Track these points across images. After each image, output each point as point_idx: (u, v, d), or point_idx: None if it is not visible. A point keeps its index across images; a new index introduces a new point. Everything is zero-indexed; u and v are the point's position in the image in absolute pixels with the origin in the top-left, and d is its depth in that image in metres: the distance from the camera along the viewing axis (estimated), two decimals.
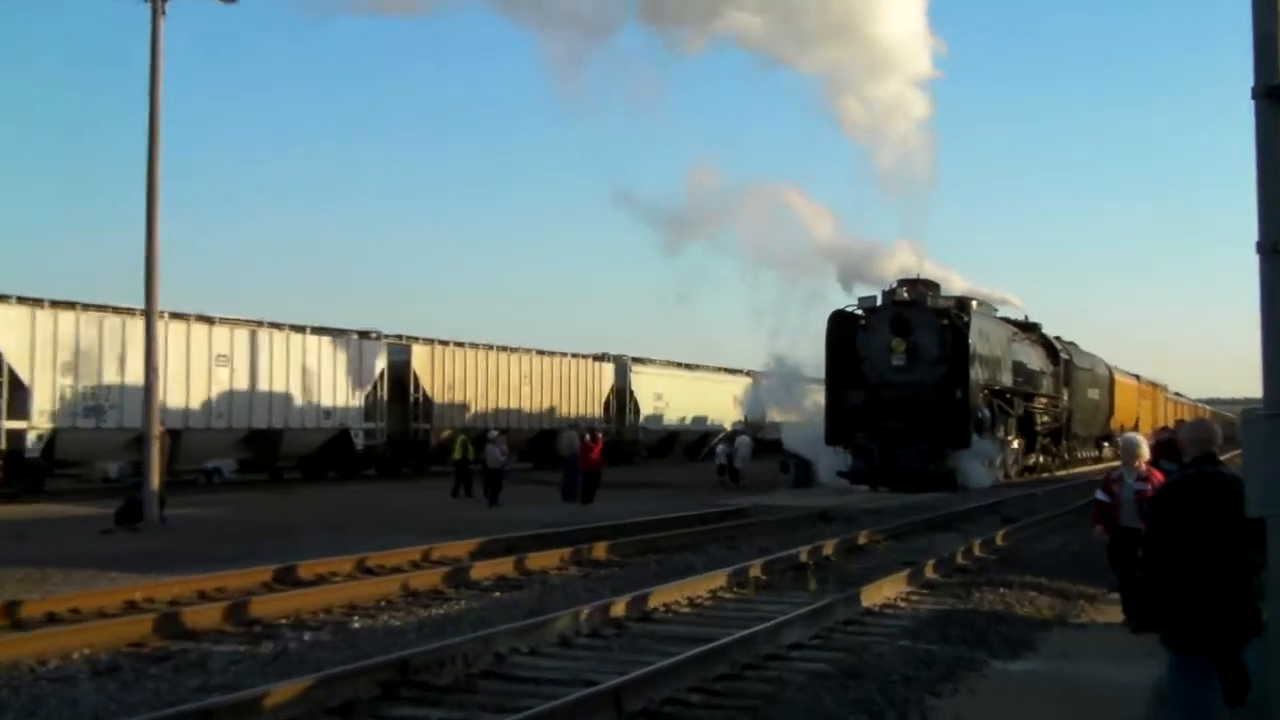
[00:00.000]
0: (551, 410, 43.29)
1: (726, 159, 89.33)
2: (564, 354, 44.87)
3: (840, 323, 31.74)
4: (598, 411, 45.72)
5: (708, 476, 36.75)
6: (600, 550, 16.23)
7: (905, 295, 31.50)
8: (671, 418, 50.54)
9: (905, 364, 30.80)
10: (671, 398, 50.13)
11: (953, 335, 30.71)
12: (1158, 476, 9.93)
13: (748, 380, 52.92)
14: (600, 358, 47.29)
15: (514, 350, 42.27)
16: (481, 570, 14.11)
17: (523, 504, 25.89)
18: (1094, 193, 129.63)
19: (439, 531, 18.98)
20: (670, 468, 45.60)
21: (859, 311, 32.07)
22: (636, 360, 49.29)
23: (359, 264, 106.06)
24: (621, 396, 47.80)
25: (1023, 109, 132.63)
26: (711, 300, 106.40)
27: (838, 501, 25.89)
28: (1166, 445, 14.78)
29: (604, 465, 28.73)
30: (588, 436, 28.29)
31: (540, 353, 43.53)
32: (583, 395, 45.14)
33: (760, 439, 41.63)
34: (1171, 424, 39.39)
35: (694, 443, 53.53)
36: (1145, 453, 10.57)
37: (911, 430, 29.95)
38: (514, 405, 41.39)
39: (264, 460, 33.79)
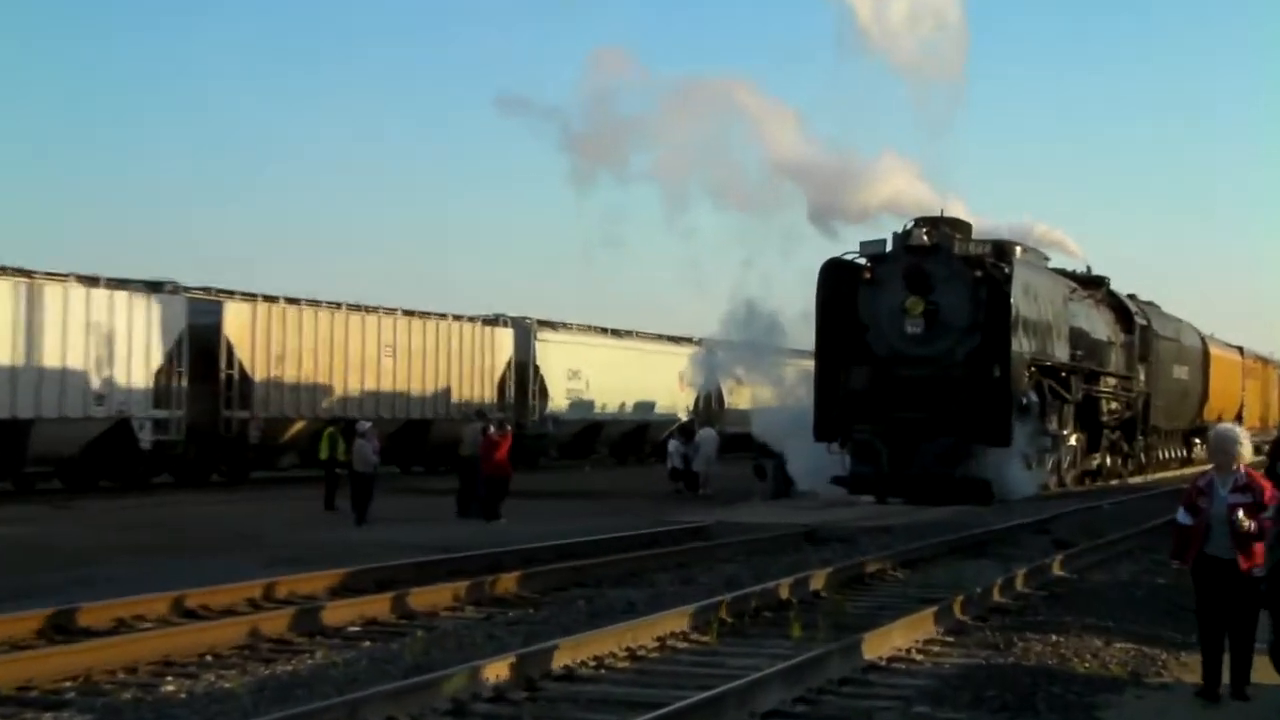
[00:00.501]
0: (425, 393, 43.63)
1: (654, 48, 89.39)
2: (442, 315, 45.23)
3: (836, 276, 32.14)
4: (490, 394, 46.19)
5: (653, 483, 37.60)
6: (508, 584, 16.64)
7: (924, 239, 31.91)
8: (594, 402, 51.14)
9: (924, 332, 31.29)
10: (594, 375, 50.73)
11: (989, 293, 31.19)
12: (1264, 485, 10.20)
13: (700, 351, 53.64)
14: (494, 321, 47.82)
15: (371, 310, 42.40)
16: (346, 611, 14.43)
17: (401, 521, 26.45)
18: (1178, 101, 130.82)
19: (286, 559, 19.28)
20: (598, 472, 46.29)
21: (862, 261, 32.44)
22: (544, 324, 49.79)
23: (152, 196, 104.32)
24: (523, 373, 48.26)
25: None
26: (642, 247, 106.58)
27: (831, 517, 26.47)
28: None
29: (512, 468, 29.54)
30: (492, 429, 29.16)
31: (409, 314, 43.77)
32: (468, 372, 45.55)
33: (723, 432, 42.30)
34: None
35: (626, 437, 54.18)
36: (1245, 450, 10.55)
37: (932, 422, 30.50)
38: (371, 386, 41.58)
39: (5, 464, 33.60)
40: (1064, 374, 35.16)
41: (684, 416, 50.81)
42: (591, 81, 49.98)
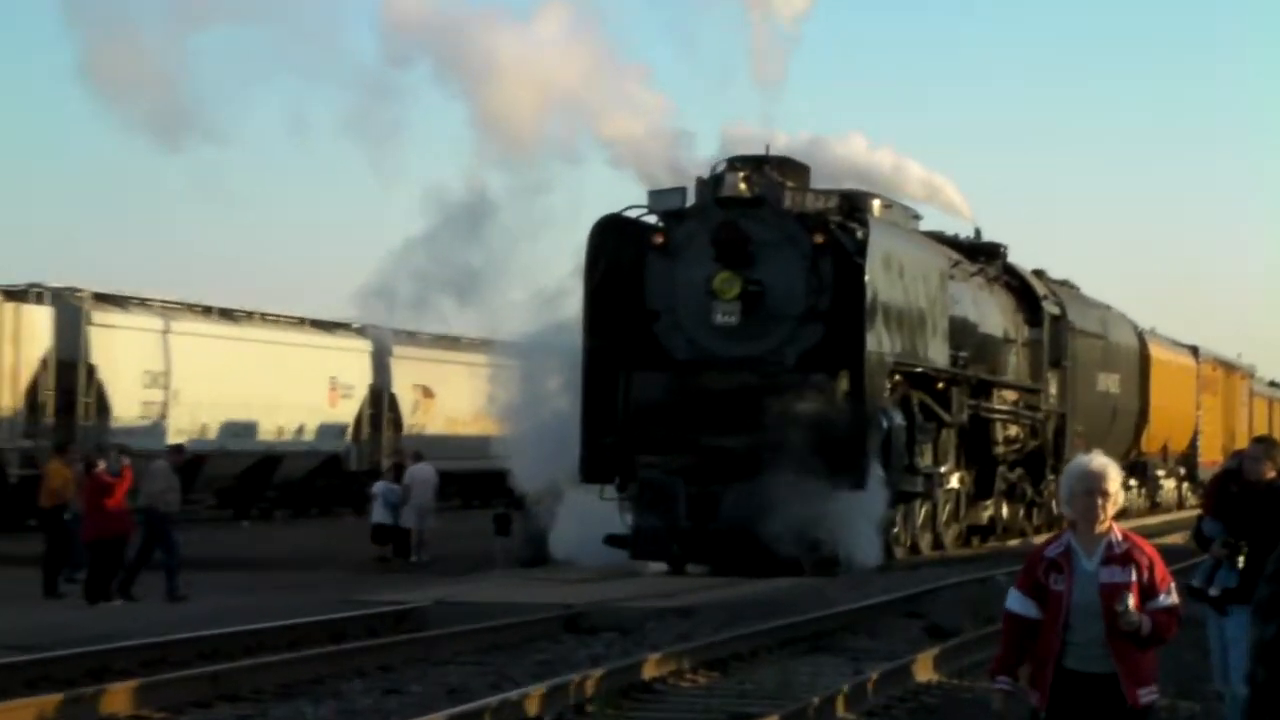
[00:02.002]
0: None
1: None
2: None
3: (613, 238, 31.82)
4: (15, 408, 43.94)
5: (335, 543, 38.60)
6: (120, 698, 16.19)
7: (742, 188, 31.46)
8: (189, 423, 49.01)
9: (741, 323, 30.85)
10: (189, 380, 48.55)
11: (835, 266, 30.86)
12: (1152, 554, 8.96)
13: (364, 345, 53.77)
14: (20, 294, 45.71)
15: None
16: None
17: None
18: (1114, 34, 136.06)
19: None
20: (259, 529, 47.14)
21: (652, 219, 32.23)
22: (105, 300, 47.84)
23: None
24: (69, 377, 45.76)
25: None
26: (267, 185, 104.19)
27: (605, 594, 26.49)
28: (1224, 486, 15.08)
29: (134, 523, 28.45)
30: (100, 466, 28.48)
31: None
32: None
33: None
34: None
35: (242, 477, 52.69)
36: (1114, 492, 9.14)
37: (751, 453, 29.86)
38: None
39: None
40: (942, 385, 35.06)
41: (344, 442, 52.34)
42: None
